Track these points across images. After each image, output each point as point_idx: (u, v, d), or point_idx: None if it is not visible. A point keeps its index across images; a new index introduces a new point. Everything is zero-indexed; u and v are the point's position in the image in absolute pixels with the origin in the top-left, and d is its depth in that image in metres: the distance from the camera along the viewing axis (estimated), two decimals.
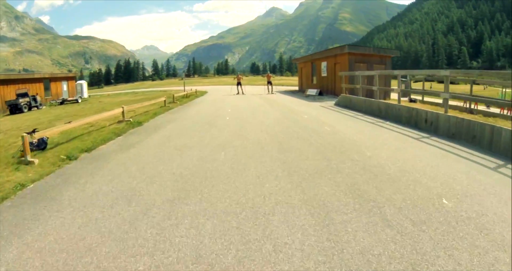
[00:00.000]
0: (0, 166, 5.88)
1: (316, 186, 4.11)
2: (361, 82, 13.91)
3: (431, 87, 55.65)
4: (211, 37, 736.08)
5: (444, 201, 3.54)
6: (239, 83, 26.15)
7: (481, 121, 7.06)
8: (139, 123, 10.47)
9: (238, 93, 25.70)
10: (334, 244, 2.72)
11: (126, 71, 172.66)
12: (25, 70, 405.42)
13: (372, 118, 10.85)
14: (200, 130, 8.89)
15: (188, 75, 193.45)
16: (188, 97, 25.08)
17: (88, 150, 6.86)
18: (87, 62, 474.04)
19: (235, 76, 27.80)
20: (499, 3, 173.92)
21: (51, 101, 29.54)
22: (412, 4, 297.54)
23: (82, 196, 4.09)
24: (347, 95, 14.90)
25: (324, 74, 23.56)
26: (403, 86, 16.61)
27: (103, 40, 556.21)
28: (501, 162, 5.34)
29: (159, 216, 3.39)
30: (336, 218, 3.19)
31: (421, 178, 4.38)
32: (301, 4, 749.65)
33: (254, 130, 8.46)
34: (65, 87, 33.78)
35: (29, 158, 5.99)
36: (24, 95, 25.35)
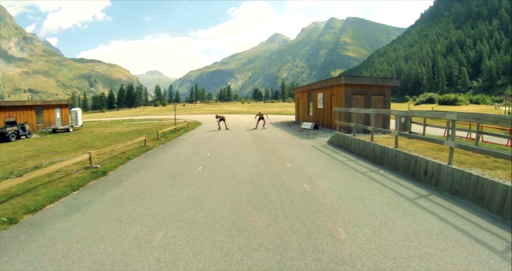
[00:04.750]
0: None
1: None
2: (355, 120, 12.93)
3: (432, 109, 55.59)
4: (215, 63, 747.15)
5: None
6: (222, 120, 24.81)
7: (493, 179, 6.01)
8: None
9: (219, 128, 24.48)
10: None
11: (129, 96, 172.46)
12: (30, 90, 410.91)
13: (366, 164, 9.91)
14: None
15: (190, 101, 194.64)
16: (177, 131, 24.02)
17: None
18: (91, 86, 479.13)
19: (217, 115, 25.83)
20: (497, 22, 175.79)
21: (42, 130, 28.77)
22: (411, 27, 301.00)
23: None
24: (341, 133, 13.92)
25: (320, 106, 22.74)
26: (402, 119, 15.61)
27: (108, 64, 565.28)
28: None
29: None
30: None
31: None
32: (303, 30, 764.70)
33: (223, 192, 7.31)
34: (58, 114, 33.11)
35: None
36: (13, 123, 24.59)
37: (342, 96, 18.62)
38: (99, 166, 9.89)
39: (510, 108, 48.90)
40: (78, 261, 4.02)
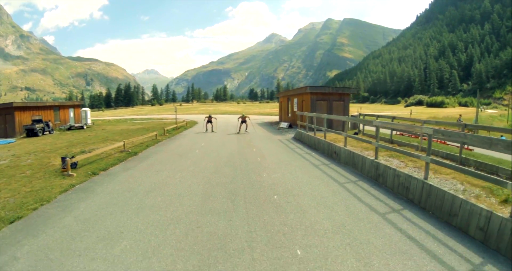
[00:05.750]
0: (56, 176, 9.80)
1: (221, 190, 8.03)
2: (307, 121, 18.01)
3: (411, 113, 61.24)
4: (211, 62, 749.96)
5: (275, 197, 7.45)
6: (209, 121, 25.94)
7: (360, 153, 10.90)
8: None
9: (206, 130, 25.65)
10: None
11: (126, 95, 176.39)
12: (27, 88, 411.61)
13: (307, 150, 14.87)
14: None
15: (187, 100, 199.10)
16: (178, 129, 28.86)
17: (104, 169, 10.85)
18: (88, 84, 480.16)
19: (207, 115, 27.03)
20: (489, 26, 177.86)
21: (60, 127, 33.53)
22: (406, 29, 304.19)
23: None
24: (300, 130, 18.95)
25: (295, 109, 27.72)
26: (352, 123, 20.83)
27: (105, 63, 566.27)
28: (350, 176, 9.28)
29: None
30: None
31: (273, 184, 8.29)
32: (300, 30, 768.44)
33: (203, 165, 12.44)
34: (71, 114, 37.85)
35: (70, 172, 10.11)
36: (39, 121, 29.33)
37: (309, 102, 23.65)
38: (130, 150, 14.79)
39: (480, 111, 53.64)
40: (143, 182, 9.01)
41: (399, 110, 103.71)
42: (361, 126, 21.03)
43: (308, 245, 4.95)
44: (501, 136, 26.90)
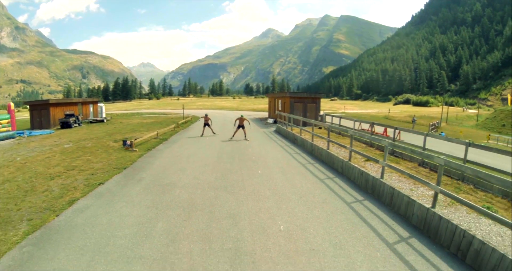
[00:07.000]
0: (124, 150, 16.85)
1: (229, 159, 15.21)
2: (282, 118, 25.30)
3: (389, 112, 68.77)
4: (207, 56, 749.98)
5: (253, 158, 14.64)
6: (206, 124, 23.83)
7: (307, 139, 18.07)
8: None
9: (202, 135, 23.36)
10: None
11: (124, 89, 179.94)
12: (23, 81, 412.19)
13: (280, 138, 22.12)
14: None
15: (183, 94, 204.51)
16: (185, 122, 35.91)
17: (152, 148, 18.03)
18: (84, 77, 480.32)
19: (203, 116, 24.98)
20: (479, 29, 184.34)
21: (84, 120, 40.36)
22: (401, 29, 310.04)
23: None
24: (279, 125, 26.19)
25: (280, 108, 34.91)
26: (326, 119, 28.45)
27: (101, 56, 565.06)
28: (298, 151, 16.52)
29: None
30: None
31: (253, 154, 15.45)
32: (296, 26, 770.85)
33: (213, 145, 19.67)
34: (91, 109, 44.59)
35: (133, 149, 17.16)
36: (72, 115, 36.04)
37: (288, 103, 30.89)
38: (161, 137, 21.90)
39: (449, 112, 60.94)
40: (183, 152, 16.31)
41: (386, 108, 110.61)
42: (326, 121, 28.28)
43: (264, 170, 12.31)
44: (441, 132, 34.53)
